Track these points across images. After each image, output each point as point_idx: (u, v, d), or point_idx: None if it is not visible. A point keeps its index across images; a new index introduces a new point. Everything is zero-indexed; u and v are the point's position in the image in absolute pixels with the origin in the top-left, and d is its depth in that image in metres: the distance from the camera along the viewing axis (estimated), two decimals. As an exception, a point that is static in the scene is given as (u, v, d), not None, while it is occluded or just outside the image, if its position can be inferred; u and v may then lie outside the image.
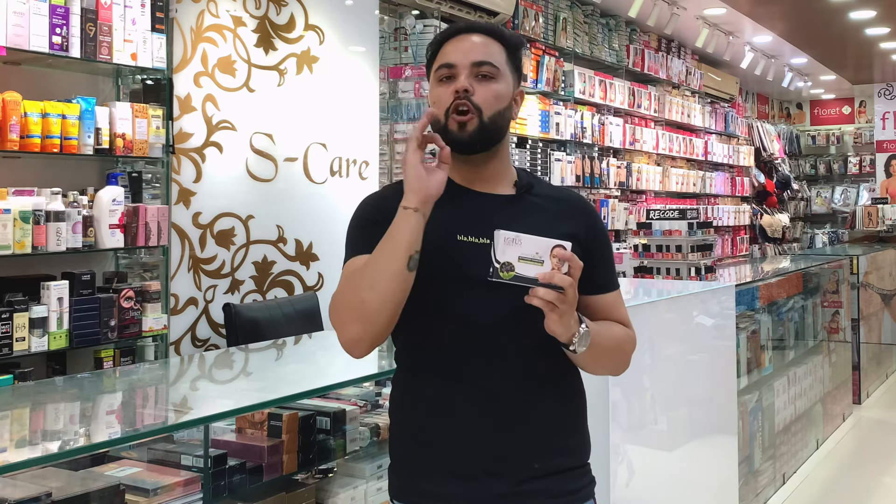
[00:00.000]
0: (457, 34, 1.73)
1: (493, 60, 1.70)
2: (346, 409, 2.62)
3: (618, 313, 1.77)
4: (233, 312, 4.10)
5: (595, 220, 1.78)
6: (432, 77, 1.73)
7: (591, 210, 1.80)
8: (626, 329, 1.77)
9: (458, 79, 1.67)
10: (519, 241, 1.49)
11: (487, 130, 1.67)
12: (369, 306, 1.54)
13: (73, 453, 1.99)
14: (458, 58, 1.69)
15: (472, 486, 1.63)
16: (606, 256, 1.79)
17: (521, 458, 1.63)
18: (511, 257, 1.48)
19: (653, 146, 8.52)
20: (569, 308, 1.52)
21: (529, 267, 1.49)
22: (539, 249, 1.49)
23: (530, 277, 1.49)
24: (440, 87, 1.69)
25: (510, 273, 1.48)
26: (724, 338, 3.91)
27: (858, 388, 7.00)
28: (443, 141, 1.63)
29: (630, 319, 1.81)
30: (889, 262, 8.38)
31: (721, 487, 3.83)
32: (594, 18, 7.64)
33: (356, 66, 5.08)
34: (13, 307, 3.26)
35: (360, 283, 1.56)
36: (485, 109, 1.66)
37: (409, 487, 1.70)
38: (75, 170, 3.76)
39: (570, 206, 1.76)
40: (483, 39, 1.71)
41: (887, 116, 12.78)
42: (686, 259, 4.74)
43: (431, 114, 1.63)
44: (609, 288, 1.77)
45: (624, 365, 1.79)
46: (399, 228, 1.55)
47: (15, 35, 3.30)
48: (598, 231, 1.77)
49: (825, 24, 8.64)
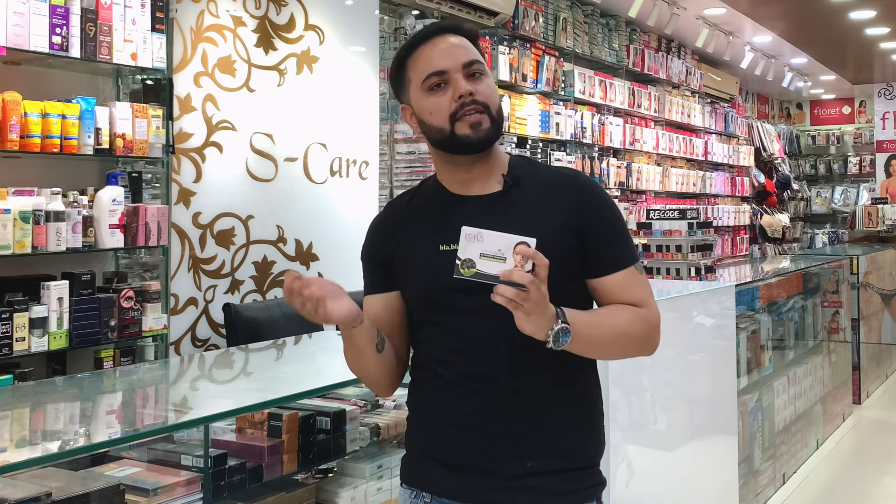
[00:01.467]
0: (427, 39, 1.69)
1: (477, 57, 1.68)
2: (346, 409, 2.62)
3: (628, 294, 1.66)
4: (233, 312, 4.10)
5: (589, 197, 1.68)
6: (419, 87, 1.67)
7: (585, 187, 1.70)
8: (637, 310, 1.65)
9: (453, 84, 1.64)
10: (481, 237, 1.46)
11: (498, 125, 1.67)
12: (368, 381, 1.78)
13: (73, 453, 1.99)
14: (448, 62, 1.65)
15: (466, 479, 1.66)
16: (609, 232, 1.67)
17: (512, 456, 1.63)
18: (472, 254, 1.46)
19: (653, 146, 8.52)
20: (534, 306, 1.46)
21: (491, 264, 1.46)
22: (501, 246, 1.46)
23: (492, 275, 1.45)
24: (433, 97, 1.65)
25: (471, 270, 1.46)
26: (724, 338, 3.91)
27: (858, 388, 7.00)
28: (447, 152, 1.67)
29: (648, 296, 1.68)
30: (889, 262, 8.38)
31: (721, 487, 3.83)
32: (594, 18, 7.64)
33: (356, 66, 5.08)
34: (13, 307, 3.26)
35: (353, 367, 1.75)
36: (491, 105, 1.66)
37: (413, 474, 1.76)
38: (75, 170, 3.76)
39: (562, 189, 1.68)
40: (456, 39, 1.69)
41: (887, 116, 12.78)
42: (686, 259, 4.74)
43: (294, 275, 1.56)
44: (616, 266, 1.66)
45: (644, 347, 1.69)
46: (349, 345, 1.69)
47: (15, 35, 3.30)
48: (593, 208, 1.67)
49: (825, 24, 8.64)
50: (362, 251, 1.80)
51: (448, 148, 1.67)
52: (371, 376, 1.75)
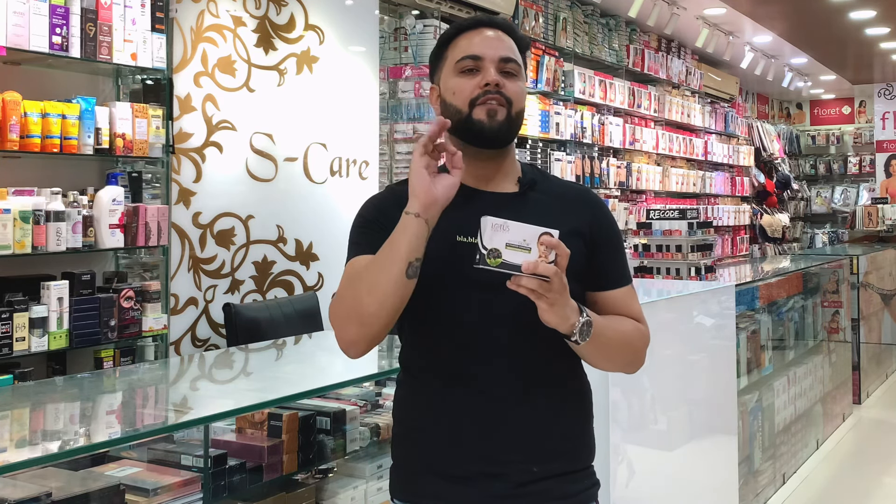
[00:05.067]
0: (477, 27, 1.70)
1: (517, 58, 1.69)
2: (346, 409, 2.62)
3: (630, 309, 1.72)
4: (233, 312, 4.10)
5: (601, 213, 1.73)
6: (451, 67, 1.67)
7: (596, 203, 1.75)
8: (638, 324, 1.72)
9: (484, 72, 1.64)
10: (506, 227, 1.46)
11: (514, 124, 1.67)
12: (367, 310, 1.53)
13: (73, 453, 1.99)
14: (486, 51, 1.65)
15: (470, 488, 1.61)
16: (615, 250, 1.74)
17: (519, 462, 1.62)
18: (498, 244, 1.45)
19: (653, 146, 8.52)
20: (557, 297, 1.48)
21: (517, 254, 1.46)
22: (527, 236, 1.46)
23: (517, 265, 1.45)
24: (462, 78, 1.65)
25: (497, 260, 1.45)
26: (724, 338, 3.91)
27: (858, 388, 7.00)
28: (461, 138, 1.64)
29: (644, 315, 1.75)
30: (889, 262, 8.38)
31: (721, 487, 3.83)
32: (594, 18, 7.64)
33: (356, 66, 5.08)
34: (13, 307, 3.26)
35: (360, 285, 1.55)
36: (515, 103, 1.66)
37: (408, 487, 1.69)
38: (75, 170, 3.76)
39: (575, 201, 1.72)
40: (505, 36, 1.70)
41: (887, 116, 12.77)
42: (686, 259, 4.74)
43: (443, 123, 1.55)
44: (619, 283, 1.72)
45: (636, 362, 1.74)
46: (399, 234, 1.53)
47: (15, 35, 3.30)
48: (604, 224, 1.72)
49: (825, 24, 8.64)
50: (361, 218, 1.70)
51: (462, 132, 1.65)
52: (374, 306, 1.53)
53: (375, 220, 1.66)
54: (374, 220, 1.66)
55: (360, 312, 1.54)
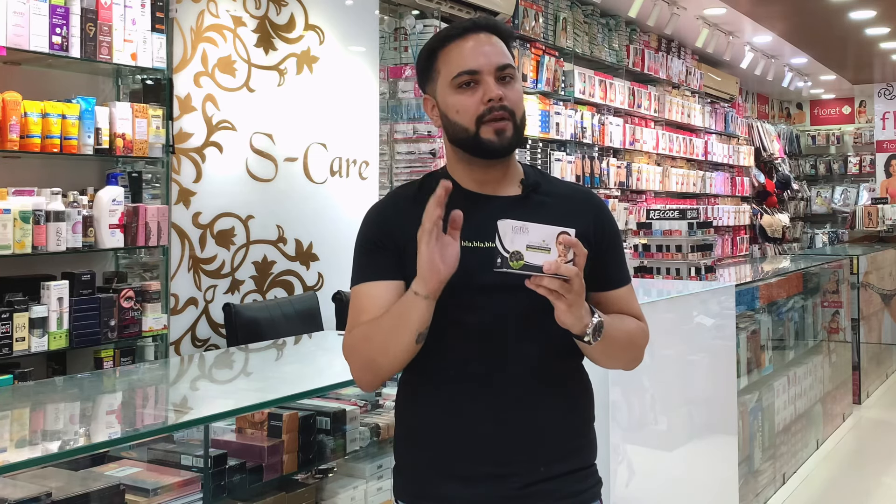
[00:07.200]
0: (464, 34, 1.66)
1: (510, 60, 1.67)
2: (346, 409, 2.62)
3: (630, 308, 1.75)
4: (233, 312, 4.10)
5: (604, 214, 1.74)
6: (448, 83, 1.64)
7: (599, 204, 1.76)
8: (640, 323, 1.74)
9: (484, 85, 1.62)
10: (526, 229, 1.46)
11: (520, 132, 1.66)
12: (380, 367, 1.62)
13: (73, 453, 1.99)
14: (482, 63, 1.62)
15: (476, 489, 1.61)
16: (617, 251, 1.75)
17: (526, 462, 1.62)
18: (520, 246, 1.45)
19: (653, 146, 8.52)
20: (576, 297, 1.49)
21: (537, 255, 1.46)
22: (546, 237, 1.47)
23: (539, 266, 1.46)
24: (462, 95, 1.63)
25: (520, 262, 1.45)
26: (724, 338, 3.91)
27: (858, 388, 7.00)
28: (468, 153, 1.63)
29: (643, 313, 1.78)
30: (889, 262, 8.38)
31: (721, 487, 3.83)
32: (594, 18, 7.64)
33: (356, 66, 5.08)
34: (13, 307, 3.26)
35: (372, 347, 1.60)
36: (517, 113, 1.65)
37: (412, 488, 1.69)
38: (75, 170, 3.76)
39: (578, 202, 1.72)
40: (494, 38, 1.67)
41: (887, 116, 12.78)
42: (686, 259, 4.73)
43: (448, 188, 1.50)
44: (621, 283, 1.74)
45: (637, 359, 1.76)
46: (408, 312, 1.55)
47: (15, 35, 3.30)
48: (607, 226, 1.73)
49: (825, 24, 8.64)
50: (364, 237, 1.70)
51: (470, 149, 1.65)
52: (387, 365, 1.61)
53: (379, 241, 1.67)
54: (377, 241, 1.67)
55: (374, 368, 1.62)
